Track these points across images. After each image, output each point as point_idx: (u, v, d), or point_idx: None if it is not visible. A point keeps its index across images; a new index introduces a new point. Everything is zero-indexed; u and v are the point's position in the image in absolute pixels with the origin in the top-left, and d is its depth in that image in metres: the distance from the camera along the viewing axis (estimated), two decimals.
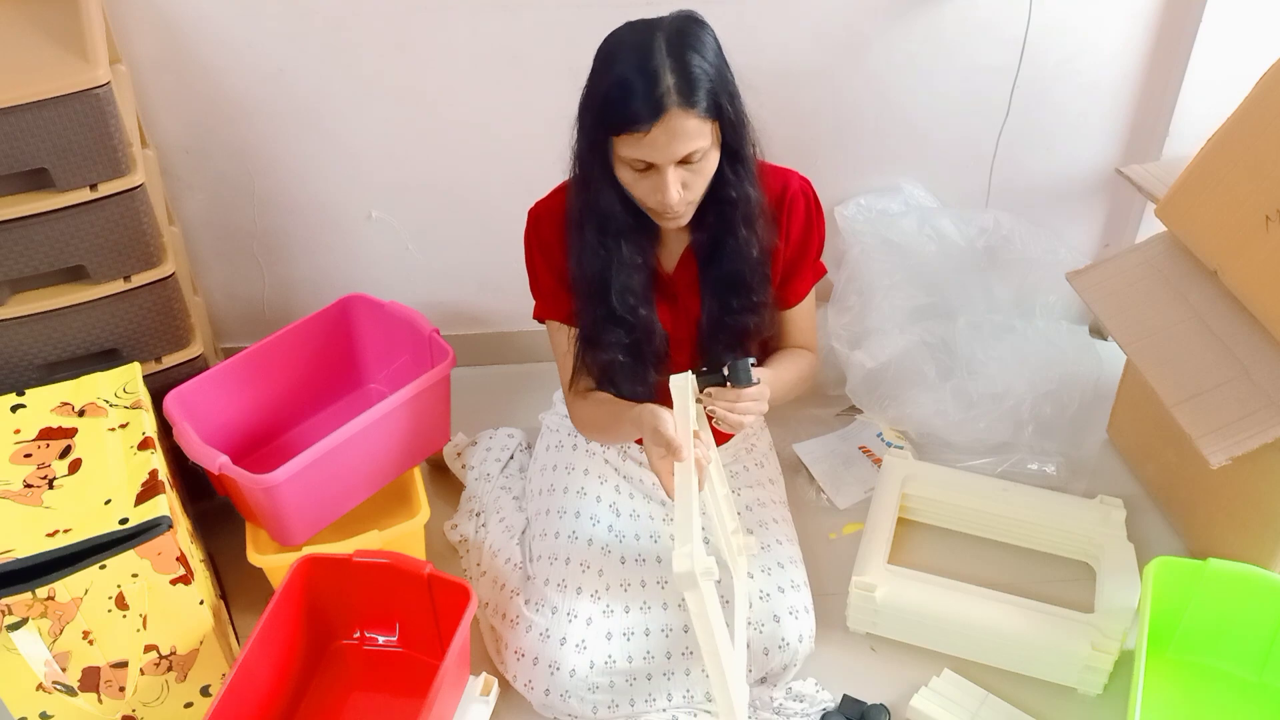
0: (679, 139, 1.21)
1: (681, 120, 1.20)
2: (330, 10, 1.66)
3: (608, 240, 1.34)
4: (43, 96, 1.35)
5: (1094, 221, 2.07)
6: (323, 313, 1.75)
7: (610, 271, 1.36)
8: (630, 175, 1.27)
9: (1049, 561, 1.67)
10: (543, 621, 1.44)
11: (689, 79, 1.19)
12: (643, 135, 1.20)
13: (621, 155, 1.25)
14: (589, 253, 1.35)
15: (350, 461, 1.53)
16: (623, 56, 1.22)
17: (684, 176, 1.25)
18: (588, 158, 1.30)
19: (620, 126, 1.21)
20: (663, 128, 1.19)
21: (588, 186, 1.31)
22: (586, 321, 1.41)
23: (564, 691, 1.41)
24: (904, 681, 1.49)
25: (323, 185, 1.87)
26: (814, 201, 1.44)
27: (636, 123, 1.19)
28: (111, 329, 1.55)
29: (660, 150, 1.21)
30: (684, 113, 1.19)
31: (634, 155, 1.23)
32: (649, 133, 1.20)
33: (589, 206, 1.33)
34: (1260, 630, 1.44)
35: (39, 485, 1.30)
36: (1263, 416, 1.36)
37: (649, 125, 1.19)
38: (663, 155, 1.22)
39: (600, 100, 1.23)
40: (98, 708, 1.34)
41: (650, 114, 1.19)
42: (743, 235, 1.35)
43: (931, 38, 1.79)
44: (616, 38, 1.25)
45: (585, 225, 1.34)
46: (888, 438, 1.87)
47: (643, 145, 1.21)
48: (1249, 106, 1.47)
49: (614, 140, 1.24)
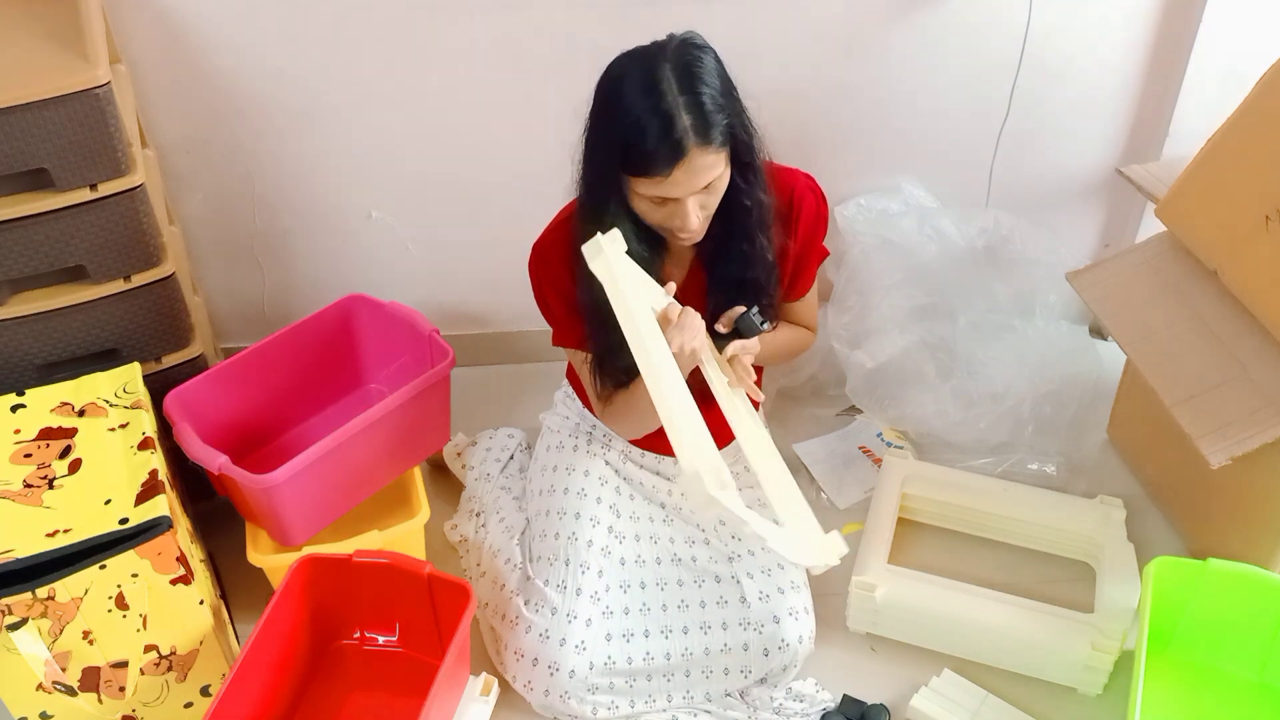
0: (698, 175, 1.21)
1: (700, 158, 1.20)
2: (330, 10, 1.66)
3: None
4: (43, 96, 1.35)
5: (1094, 221, 2.07)
6: (323, 313, 1.75)
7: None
8: (647, 206, 1.27)
9: (1049, 561, 1.67)
10: (542, 622, 1.44)
11: (703, 116, 1.19)
12: (663, 179, 1.20)
13: (639, 192, 1.25)
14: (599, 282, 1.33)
15: (350, 461, 1.53)
16: (631, 96, 1.20)
17: (701, 200, 1.26)
18: (600, 190, 1.28)
19: (639, 171, 1.21)
20: (683, 169, 1.19)
21: (599, 217, 1.29)
22: (598, 347, 1.40)
23: (564, 692, 1.41)
24: (904, 681, 1.49)
25: (323, 185, 1.87)
26: (821, 197, 1.44)
27: (656, 168, 1.19)
28: (111, 329, 1.55)
29: (681, 187, 1.22)
30: (701, 151, 1.19)
31: (653, 194, 1.23)
32: (670, 176, 1.19)
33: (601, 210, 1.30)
34: (1260, 630, 1.44)
35: (39, 485, 1.30)
36: (1263, 416, 1.36)
37: (670, 169, 1.19)
38: (683, 191, 1.22)
39: (615, 142, 1.22)
40: (98, 708, 1.34)
41: (670, 159, 1.18)
42: (759, 242, 1.35)
43: (931, 38, 1.79)
44: (620, 73, 1.23)
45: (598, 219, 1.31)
46: (888, 438, 1.87)
47: (663, 186, 1.21)
48: (1249, 106, 1.47)
49: (631, 182, 1.24)
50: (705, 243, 1.37)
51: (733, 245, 1.36)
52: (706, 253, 1.40)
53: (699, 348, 1.28)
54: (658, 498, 1.58)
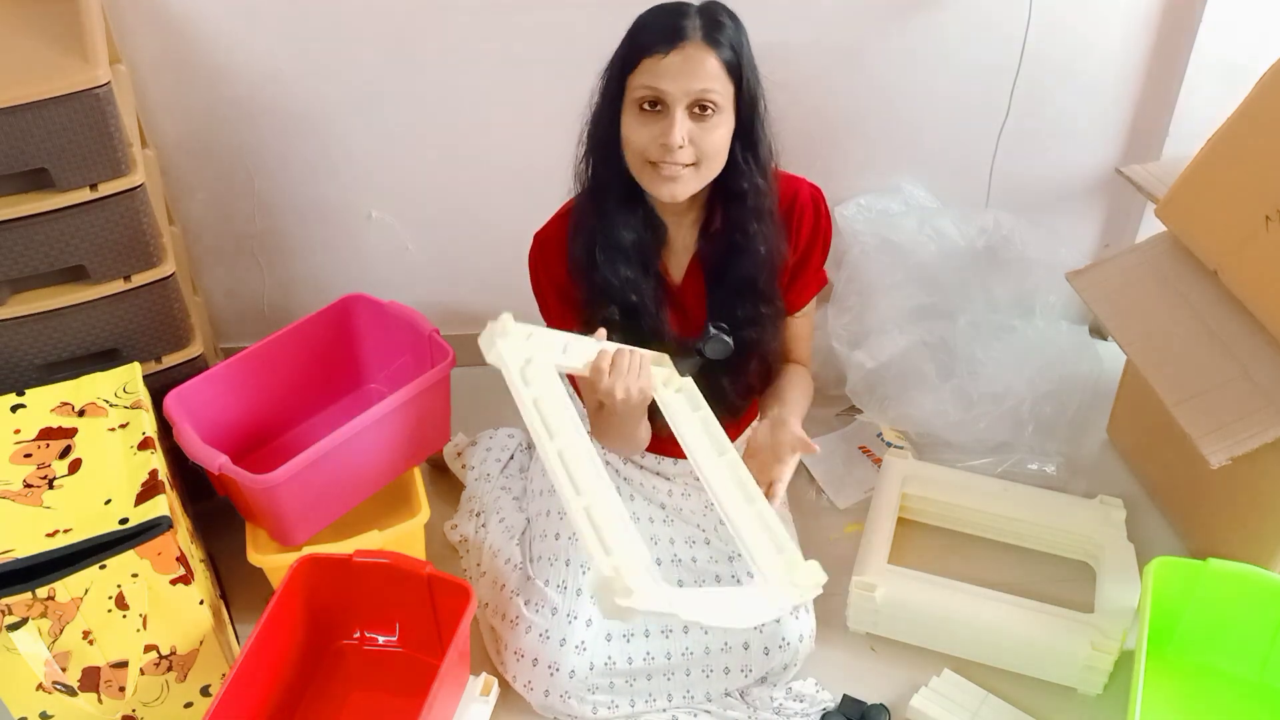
0: (695, 71, 1.20)
1: (700, 52, 1.20)
2: (330, 11, 1.66)
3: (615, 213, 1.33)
4: (43, 96, 1.35)
5: (1094, 221, 2.07)
6: (323, 313, 1.75)
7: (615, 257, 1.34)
8: (635, 119, 1.24)
9: (1049, 561, 1.67)
10: (542, 622, 1.44)
11: (714, 26, 1.22)
12: (660, 58, 1.20)
13: (633, 94, 1.23)
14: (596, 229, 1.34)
15: (350, 461, 1.53)
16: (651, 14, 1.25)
17: (691, 130, 1.23)
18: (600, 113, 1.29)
19: (639, 53, 1.22)
20: (680, 54, 1.20)
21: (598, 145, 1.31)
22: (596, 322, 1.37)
23: (564, 692, 1.41)
24: (904, 681, 1.49)
25: (323, 185, 1.87)
26: (824, 211, 1.41)
27: (656, 46, 1.20)
28: (111, 329, 1.55)
29: (675, 79, 1.20)
30: (704, 47, 1.21)
31: (645, 83, 1.22)
32: (666, 56, 1.20)
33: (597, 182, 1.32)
34: (1260, 630, 1.44)
35: (39, 485, 1.30)
36: (1263, 416, 1.36)
37: (667, 48, 1.20)
38: (677, 85, 1.21)
39: (623, 43, 1.25)
40: (98, 708, 1.34)
41: (672, 37, 1.20)
42: (753, 229, 1.33)
43: (931, 38, 1.79)
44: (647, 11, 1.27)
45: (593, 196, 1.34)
46: (888, 438, 1.87)
47: (657, 69, 1.21)
48: (1249, 106, 1.47)
49: (629, 83, 1.24)
50: (704, 243, 1.37)
51: (729, 237, 1.35)
52: (705, 252, 1.39)
53: (645, 386, 1.26)
54: (658, 498, 1.58)
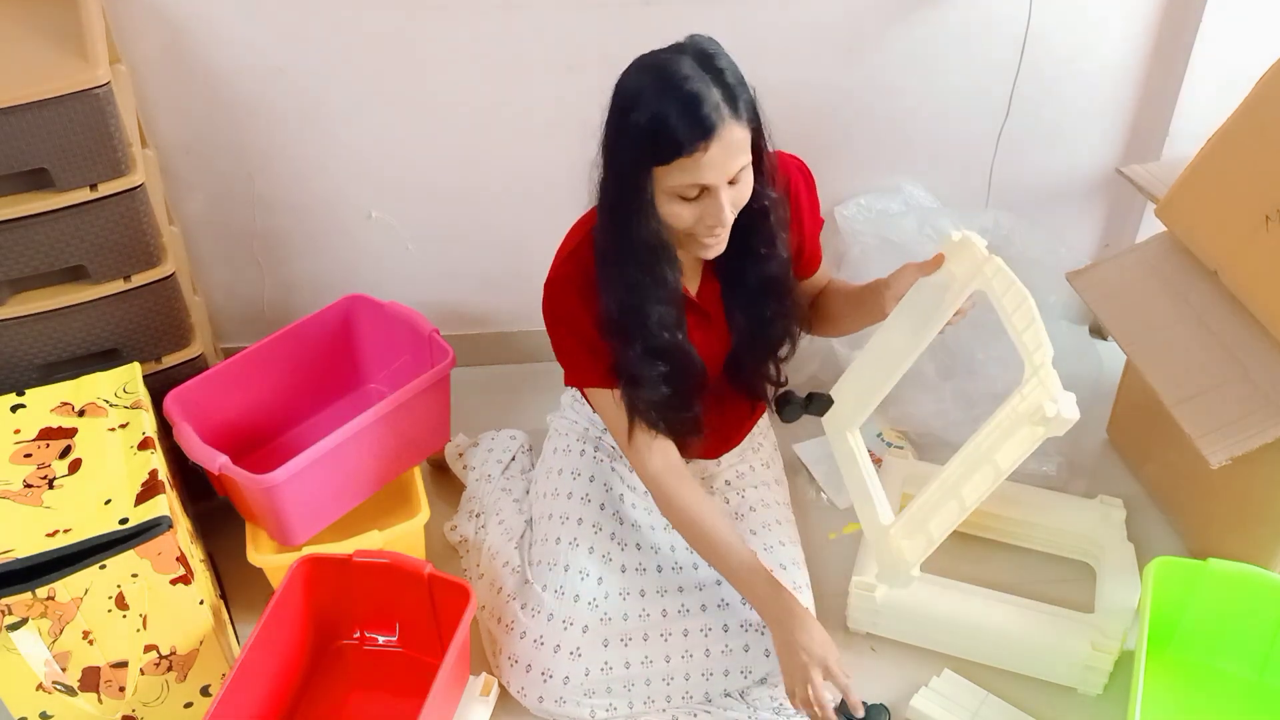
0: (733, 153, 1.17)
1: (733, 132, 1.16)
2: (330, 10, 1.66)
3: (645, 275, 1.29)
4: (43, 96, 1.35)
5: (1094, 221, 2.07)
6: (323, 313, 1.75)
7: (647, 305, 1.30)
8: (677, 206, 1.21)
9: (1049, 561, 1.67)
10: (537, 628, 1.44)
11: (730, 90, 1.16)
12: (700, 156, 1.15)
13: (669, 185, 1.19)
14: (625, 289, 1.30)
15: (350, 461, 1.53)
16: (653, 89, 1.16)
17: (731, 196, 1.21)
18: (623, 195, 1.24)
19: (672, 153, 1.16)
20: (719, 144, 1.15)
21: (625, 223, 1.25)
22: (628, 361, 1.35)
23: (558, 698, 1.41)
24: (904, 681, 1.49)
25: (323, 185, 1.86)
26: (808, 174, 1.42)
27: (692, 144, 1.14)
28: (111, 329, 1.55)
29: (717, 168, 1.17)
30: (734, 123, 1.16)
31: (687, 181, 1.18)
32: (707, 152, 1.15)
33: (626, 243, 1.27)
34: (1260, 630, 1.44)
35: (39, 485, 1.30)
36: (1263, 416, 1.36)
37: (706, 144, 1.15)
38: (719, 174, 1.17)
39: (642, 133, 1.17)
40: (98, 708, 1.34)
41: (703, 133, 1.14)
42: (780, 240, 1.33)
43: (931, 38, 1.79)
44: (638, 75, 1.19)
45: (623, 263, 1.29)
46: (888, 438, 1.87)
47: (699, 167, 1.16)
48: (1249, 106, 1.47)
49: (658, 172, 1.19)
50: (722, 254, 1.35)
51: (752, 249, 1.33)
52: (720, 262, 1.36)
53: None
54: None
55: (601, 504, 1.54)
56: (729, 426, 1.59)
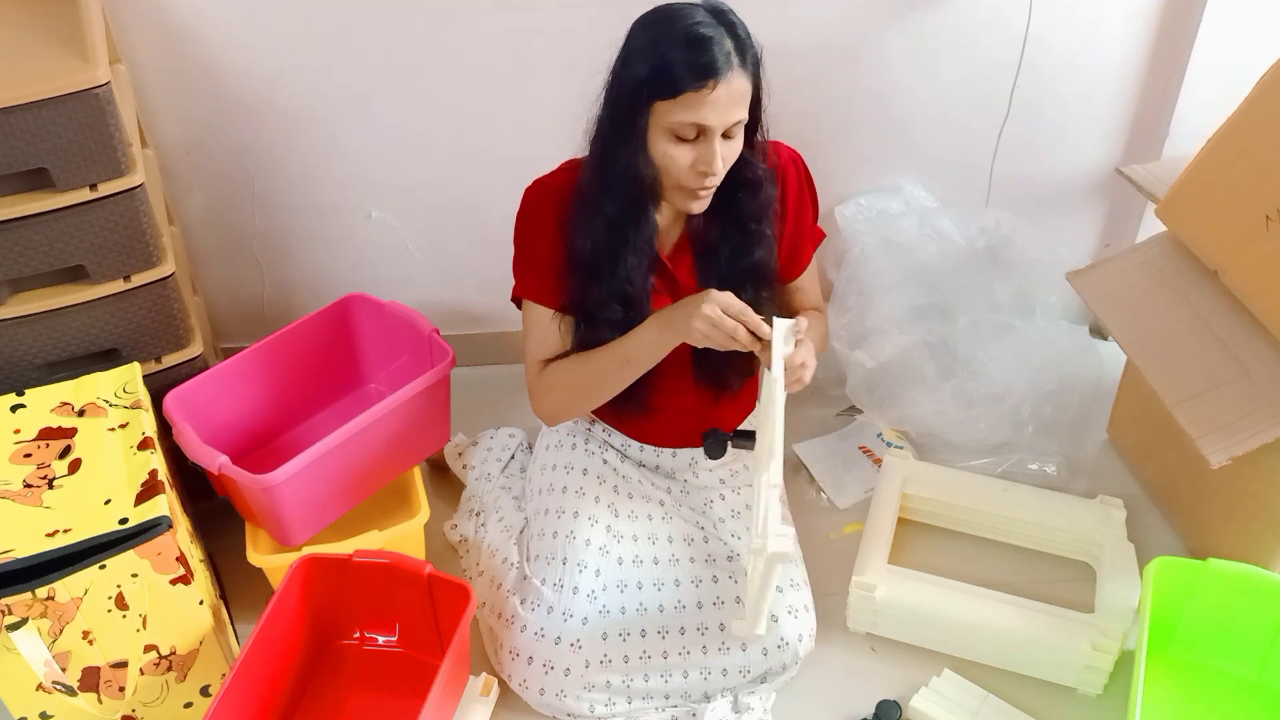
0: (735, 101, 1.20)
1: (739, 81, 1.20)
2: (330, 10, 1.66)
3: (625, 214, 1.31)
4: (43, 96, 1.35)
5: (1094, 221, 2.07)
6: (323, 313, 1.75)
7: (621, 248, 1.33)
8: (671, 147, 1.24)
9: (1049, 561, 1.67)
10: (538, 620, 1.44)
11: (740, 40, 1.20)
12: (706, 93, 1.18)
13: (668, 122, 1.22)
14: (603, 226, 1.32)
15: (350, 461, 1.53)
16: (668, 26, 1.21)
17: (724, 150, 1.24)
18: (617, 127, 1.26)
19: (679, 87, 1.19)
20: (725, 87, 1.19)
21: (613, 155, 1.28)
22: (588, 298, 1.37)
23: (559, 691, 1.41)
24: (904, 681, 1.49)
25: (323, 185, 1.87)
26: (804, 170, 1.44)
27: (700, 80, 1.17)
28: (111, 329, 1.55)
29: (718, 111, 1.20)
30: (741, 74, 1.20)
31: (687, 119, 1.20)
32: (714, 91, 1.18)
33: (611, 175, 1.29)
34: (1260, 630, 1.44)
35: (39, 485, 1.30)
36: (1263, 416, 1.36)
37: (714, 83, 1.18)
38: (720, 117, 1.20)
39: (653, 65, 1.20)
40: (98, 708, 1.34)
41: (714, 71, 1.18)
42: (767, 218, 1.34)
43: (931, 38, 1.79)
44: (654, 14, 1.24)
45: (604, 197, 1.31)
46: (888, 438, 1.87)
47: (702, 106, 1.19)
48: (1249, 106, 1.47)
49: (659, 107, 1.22)
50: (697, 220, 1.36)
51: (737, 220, 1.34)
52: (697, 231, 1.38)
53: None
54: (657, 495, 1.57)
55: (596, 497, 1.54)
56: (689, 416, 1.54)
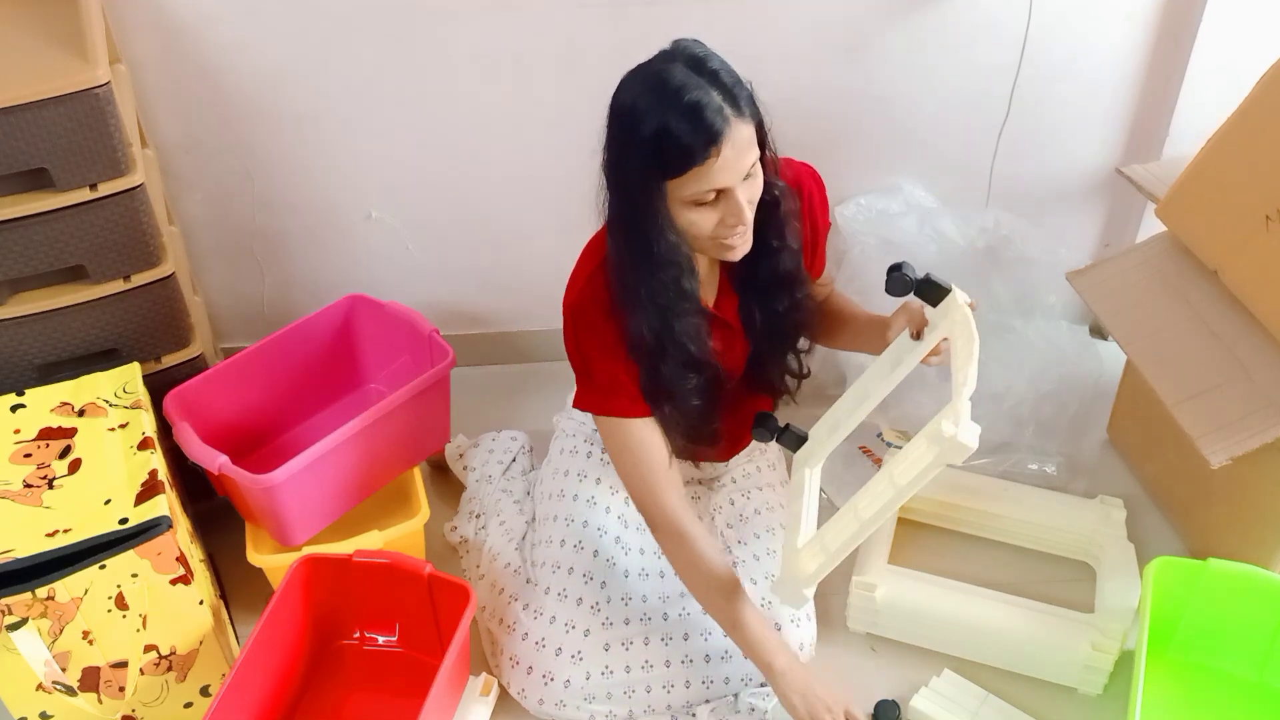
0: (743, 151, 1.16)
1: (740, 131, 1.15)
2: (330, 10, 1.66)
3: (668, 291, 1.27)
4: (43, 96, 1.35)
5: (1094, 221, 2.07)
6: (323, 313, 1.75)
7: (675, 320, 1.28)
8: (694, 214, 1.20)
9: (1049, 561, 1.67)
10: (539, 630, 1.44)
11: (728, 89, 1.15)
12: (713, 162, 1.14)
13: (685, 195, 1.18)
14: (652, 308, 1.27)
15: (350, 461, 1.53)
16: (653, 103, 1.15)
17: (748, 193, 1.20)
18: (636, 212, 1.22)
19: (684, 164, 1.15)
20: (729, 145, 1.14)
21: (643, 241, 1.23)
22: (661, 378, 1.32)
23: (558, 701, 1.41)
24: (904, 681, 1.49)
25: (322, 185, 1.87)
26: (819, 182, 1.42)
27: (704, 152, 1.13)
28: (111, 329, 1.55)
29: (731, 170, 1.16)
30: (739, 122, 1.15)
31: (703, 188, 1.17)
32: (719, 157, 1.14)
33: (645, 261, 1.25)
34: (1260, 630, 1.44)
35: (39, 485, 1.30)
36: (1263, 416, 1.36)
37: (717, 149, 1.13)
38: (733, 174, 1.16)
39: (649, 150, 1.15)
40: (98, 708, 1.34)
41: (714, 137, 1.13)
42: (791, 230, 1.32)
43: (931, 38, 1.79)
44: (633, 90, 1.18)
45: (645, 284, 1.26)
46: (888, 438, 1.87)
47: (713, 173, 1.15)
48: (1249, 106, 1.47)
49: (670, 185, 1.18)
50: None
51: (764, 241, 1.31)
52: (734, 269, 1.35)
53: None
54: None
55: (607, 507, 1.53)
56: (741, 428, 1.58)
